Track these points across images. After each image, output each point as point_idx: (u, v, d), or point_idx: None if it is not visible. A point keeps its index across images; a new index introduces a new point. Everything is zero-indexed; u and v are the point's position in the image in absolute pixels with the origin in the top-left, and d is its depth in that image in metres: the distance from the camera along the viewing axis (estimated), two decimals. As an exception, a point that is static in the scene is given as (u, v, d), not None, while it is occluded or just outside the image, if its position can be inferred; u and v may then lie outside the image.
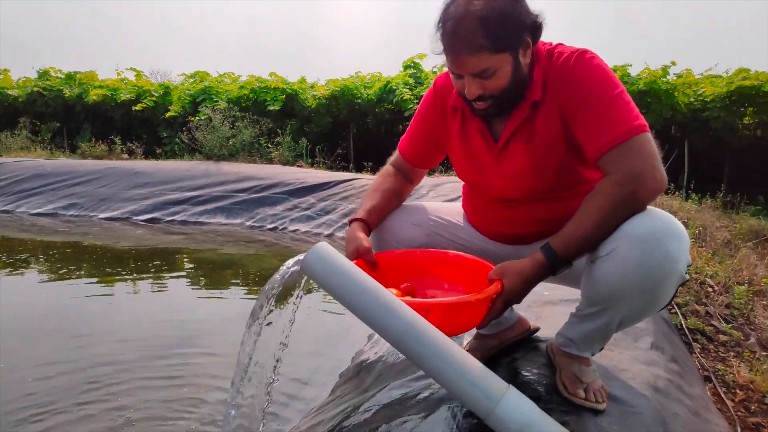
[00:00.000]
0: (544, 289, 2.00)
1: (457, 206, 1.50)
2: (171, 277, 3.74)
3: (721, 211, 5.50)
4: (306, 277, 1.04)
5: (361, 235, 1.29)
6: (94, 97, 9.87)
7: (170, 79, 11.80)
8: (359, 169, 8.11)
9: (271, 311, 1.03)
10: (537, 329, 1.53)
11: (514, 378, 1.33)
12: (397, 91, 8.29)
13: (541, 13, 1.15)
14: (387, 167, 1.49)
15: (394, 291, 1.14)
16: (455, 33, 1.10)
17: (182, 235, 5.47)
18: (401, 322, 0.89)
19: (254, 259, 4.56)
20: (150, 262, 4.25)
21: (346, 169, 8.18)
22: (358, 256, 1.24)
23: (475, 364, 0.94)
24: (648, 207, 1.12)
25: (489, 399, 0.91)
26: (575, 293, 1.92)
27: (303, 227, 5.55)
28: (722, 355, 2.05)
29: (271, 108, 8.69)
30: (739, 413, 1.62)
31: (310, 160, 8.20)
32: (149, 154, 9.13)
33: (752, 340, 2.19)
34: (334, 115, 9.20)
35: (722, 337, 2.16)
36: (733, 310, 2.48)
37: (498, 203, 1.35)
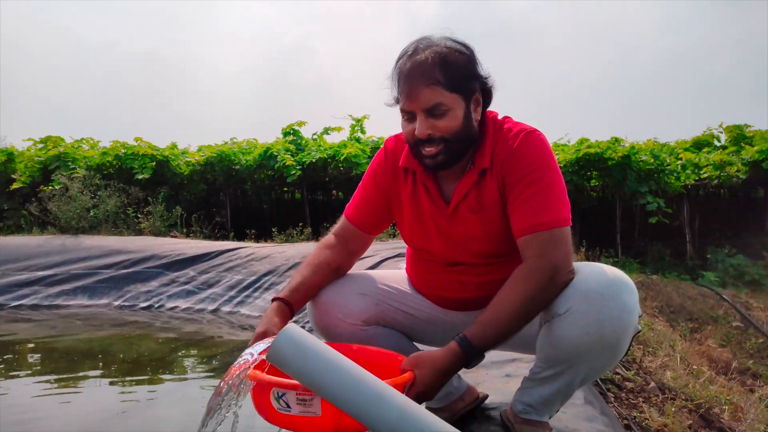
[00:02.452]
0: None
1: (402, 273, 1.43)
2: (12, 377, 3.05)
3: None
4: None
5: (276, 320, 1.15)
6: None
7: (12, 145, 10.41)
8: (240, 237, 7.71)
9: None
10: (486, 396, 1.46)
11: (477, 455, 1.23)
12: (279, 157, 8.18)
13: (490, 76, 1.18)
14: (327, 237, 1.38)
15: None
16: (414, 68, 1.12)
17: (32, 322, 4.66)
18: (393, 409, 0.76)
19: (125, 343, 3.99)
20: (-10, 358, 3.50)
21: (226, 237, 7.72)
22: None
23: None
24: (581, 263, 1.16)
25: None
26: (508, 354, 1.90)
27: (183, 303, 5.04)
28: (632, 401, 2.15)
29: (140, 176, 8.04)
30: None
31: (185, 230, 7.62)
32: (-14, 230, 7.85)
33: (652, 384, 2.33)
34: (209, 181, 8.77)
35: (629, 384, 2.27)
36: (628, 357, 2.65)
37: (447, 267, 1.30)
